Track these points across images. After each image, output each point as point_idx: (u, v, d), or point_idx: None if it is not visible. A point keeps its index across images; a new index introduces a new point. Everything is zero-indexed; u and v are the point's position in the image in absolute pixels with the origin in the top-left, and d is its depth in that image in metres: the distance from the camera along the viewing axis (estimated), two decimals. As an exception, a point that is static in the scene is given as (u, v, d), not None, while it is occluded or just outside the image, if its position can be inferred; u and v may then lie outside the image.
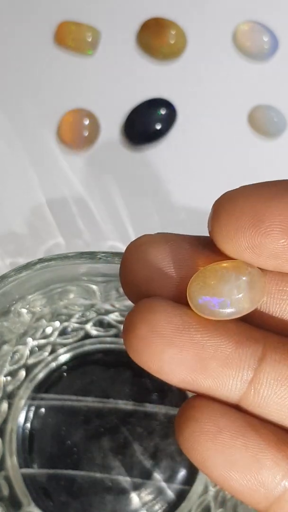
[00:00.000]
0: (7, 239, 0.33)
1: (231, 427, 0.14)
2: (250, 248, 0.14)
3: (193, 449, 0.14)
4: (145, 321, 0.14)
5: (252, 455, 0.14)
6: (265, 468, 0.14)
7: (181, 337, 0.14)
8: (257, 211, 0.14)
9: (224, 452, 0.14)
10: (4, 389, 0.27)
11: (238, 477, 0.14)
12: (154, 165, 0.34)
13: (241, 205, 0.14)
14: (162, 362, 0.14)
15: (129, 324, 0.15)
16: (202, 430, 0.14)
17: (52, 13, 0.36)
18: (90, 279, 0.25)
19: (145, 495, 0.27)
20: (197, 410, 0.14)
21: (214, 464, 0.14)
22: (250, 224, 0.14)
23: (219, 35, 0.36)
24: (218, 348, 0.14)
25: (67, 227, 0.33)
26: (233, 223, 0.14)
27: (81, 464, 0.27)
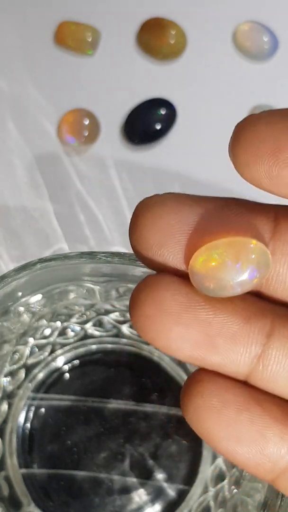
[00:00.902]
0: (11, 244, 0.33)
1: (236, 401, 0.14)
2: (268, 178, 0.14)
3: (198, 423, 0.14)
4: (151, 299, 0.14)
5: (258, 429, 0.14)
6: (270, 442, 0.14)
7: (187, 315, 0.14)
8: (278, 140, 0.13)
9: (229, 427, 0.14)
10: (4, 389, 0.27)
11: (244, 451, 0.14)
12: (154, 165, 0.34)
13: (263, 131, 0.14)
14: (170, 340, 0.14)
15: (135, 302, 0.15)
16: (207, 405, 0.14)
17: (52, 13, 0.36)
18: (90, 279, 0.25)
19: (145, 495, 0.27)
20: (202, 384, 0.14)
21: (220, 439, 0.14)
22: (269, 154, 0.14)
23: (219, 35, 0.36)
24: (225, 325, 0.14)
25: (68, 228, 0.33)
26: (252, 151, 0.14)
27: (81, 464, 0.27)
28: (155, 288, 0.14)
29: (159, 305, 0.14)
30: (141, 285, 0.15)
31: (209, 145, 0.34)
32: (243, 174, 0.14)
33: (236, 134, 0.14)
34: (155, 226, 0.14)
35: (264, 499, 0.23)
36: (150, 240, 0.14)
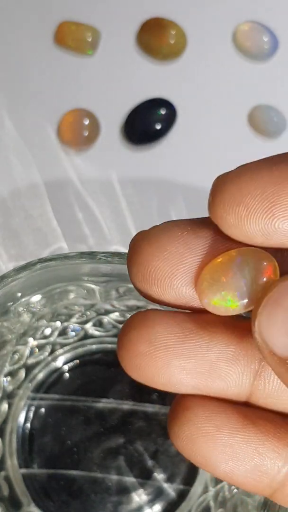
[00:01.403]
0: (11, 244, 0.33)
1: (229, 423, 0.14)
2: (264, 233, 0.13)
3: (193, 451, 0.14)
4: (144, 336, 0.14)
5: (253, 448, 0.14)
6: (266, 458, 0.14)
7: (184, 345, 0.14)
8: (269, 195, 0.13)
9: (225, 450, 0.14)
10: (4, 389, 0.27)
11: (242, 471, 0.14)
12: (154, 165, 0.34)
13: (250, 188, 0.13)
14: (170, 374, 0.14)
15: (126, 341, 0.14)
16: (200, 432, 0.14)
17: (52, 13, 0.36)
18: (90, 279, 0.25)
19: (145, 495, 0.27)
20: (192, 411, 0.14)
21: (216, 463, 0.14)
22: (263, 210, 0.13)
23: (219, 35, 0.36)
24: (222, 347, 0.14)
25: (67, 227, 0.33)
26: (243, 210, 0.13)
27: (81, 464, 0.27)
28: (146, 324, 0.14)
29: (154, 341, 0.14)
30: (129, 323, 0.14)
31: (209, 145, 0.34)
32: (232, 233, 0.14)
33: (218, 192, 0.14)
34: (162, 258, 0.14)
35: (264, 499, 0.23)
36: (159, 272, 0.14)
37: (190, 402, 0.14)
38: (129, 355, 0.14)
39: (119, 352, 0.14)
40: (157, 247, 0.14)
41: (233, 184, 0.13)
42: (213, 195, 0.14)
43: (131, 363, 0.14)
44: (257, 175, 0.13)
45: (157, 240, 0.14)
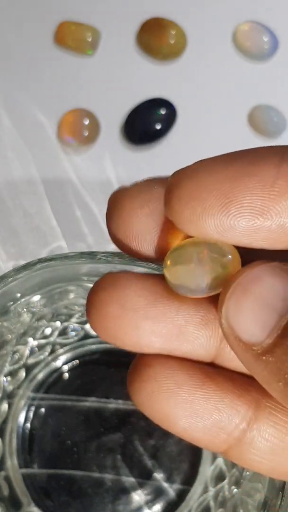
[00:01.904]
0: (10, 242, 0.33)
1: (189, 380, 0.14)
2: (220, 230, 0.13)
3: (153, 408, 0.15)
4: (114, 298, 0.14)
5: (212, 404, 0.14)
6: (224, 415, 0.14)
7: (154, 308, 0.14)
8: (225, 191, 0.13)
9: (185, 406, 0.14)
10: (4, 389, 0.27)
11: (200, 427, 0.14)
12: (154, 165, 0.34)
13: (207, 183, 0.13)
14: (139, 336, 0.14)
15: (95, 302, 0.14)
16: (161, 388, 0.14)
17: (52, 13, 0.36)
18: (90, 279, 0.25)
19: (145, 495, 0.27)
20: (153, 369, 0.15)
21: (176, 419, 0.14)
22: (219, 206, 0.13)
23: (219, 35, 0.36)
24: (192, 312, 0.14)
25: (66, 226, 0.33)
26: (199, 205, 0.13)
27: (81, 464, 0.27)
28: (117, 285, 0.14)
29: (124, 303, 0.14)
30: (100, 284, 0.14)
31: (209, 145, 0.34)
32: (188, 229, 0.14)
33: (175, 187, 0.14)
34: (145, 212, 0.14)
35: (264, 499, 0.23)
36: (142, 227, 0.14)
37: (152, 360, 0.15)
38: (99, 316, 0.14)
39: (88, 311, 0.14)
40: (139, 202, 0.14)
41: (190, 179, 0.13)
42: (169, 190, 0.14)
43: (100, 324, 0.14)
44: (214, 171, 0.13)
45: (139, 196, 0.14)
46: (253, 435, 0.14)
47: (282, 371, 0.13)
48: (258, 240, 0.13)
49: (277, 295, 0.13)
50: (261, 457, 0.15)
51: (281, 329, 0.13)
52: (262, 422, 0.14)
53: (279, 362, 0.13)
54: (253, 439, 0.14)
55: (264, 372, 0.13)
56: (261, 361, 0.13)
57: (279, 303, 0.13)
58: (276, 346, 0.13)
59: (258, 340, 0.13)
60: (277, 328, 0.13)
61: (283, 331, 0.13)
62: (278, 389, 0.13)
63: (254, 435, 0.14)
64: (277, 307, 0.13)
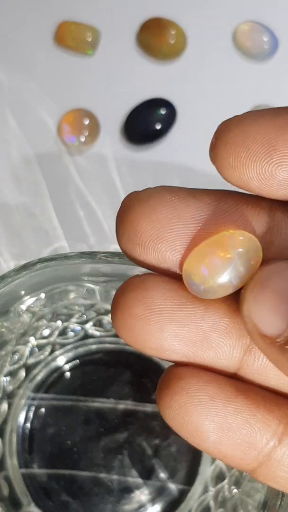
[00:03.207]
0: (11, 242, 0.33)
1: (222, 393, 0.14)
2: (260, 178, 0.13)
3: (184, 421, 0.14)
4: (141, 299, 0.14)
5: (244, 418, 0.14)
6: (256, 430, 0.14)
7: (179, 312, 0.14)
8: (271, 139, 0.13)
9: (217, 420, 0.14)
10: (4, 389, 0.27)
11: (231, 442, 0.14)
12: (154, 165, 0.34)
13: (253, 131, 0.13)
14: (162, 339, 0.14)
15: (121, 303, 0.14)
16: (194, 401, 0.14)
17: (52, 13, 0.36)
18: (90, 279, 0.25)
19: (145, 495, 0.27)
20: (185, 381, 0.14)
21: (207, 432, 0.14)
22: (263, 153, 0.13)
23: (219, 35, 0.36)
24: (217, 319, 0.14)
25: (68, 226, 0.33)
26: (243, 151, 0.13)
27: (81, 464, 0.27)
28: (143, 288, 0.14)
29: (150, 304, 0.14)
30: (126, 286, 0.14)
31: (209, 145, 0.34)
32: (230, 176, 0.14)
33: (222, 134, 0.14)
34: (151, 220, 0.14)
35: (264, 499, 0.23)
36: (146, 234, 0.14)
37: (183, 372, 0.14)
38: (124, 316, 0.14)
39: (113, 312, 0.14)
40: (147, 208, 0.14)
41: (236, 126, 0.14)
42: (216, 136, 0.14)
43: (124, 324, 0.14)
44: (261, 120, 0.13)
45: (148, 202, 0.14)
46: (284, 451, 0.14)
47: None
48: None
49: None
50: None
51: None
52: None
53: None
54: (283, 455, 0.14)
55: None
56: (285, 351, 0.13)
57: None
58: None
59: (280, 331, 0.13)
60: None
61: None
62: None
63: (284, 451, 0.14)
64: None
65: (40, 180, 0.34)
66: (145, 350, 0.14)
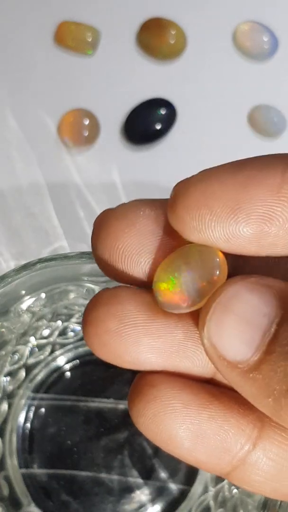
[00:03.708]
0: (12, 242, 0.33)
1: (196, 400, 0.14)
2: (227, 238, 0.13)
3: (158, 429, 0.14)
4: (113, 314, 0.14)
5: (218, 425, 0.14)
6: (230, 436, 0.14)
7: (154, 324, 0.14)
8: (234, 198, 0.13)
9: (191, 427, 0.14)
10: (4, 389, 0.27)
11: (206, 448, 0.14)
12: (154, 165, 0.34)
13: (215, 191, 0.13)
14: (138, 352, 0.14)
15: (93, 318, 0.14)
16: (167, 409, 0.14)
17: (52, 13, 0.36)
18: (90, 279, 0.25)
19: (145, 495, 0.27)
20: (157, 388, 0.14)
21: (181, 440, 0.14)
22: (227, 213, 0.13)
23: (219, 35, 0.36)
24: (191, 327, 0.14)
25: (68, 225, 0.33)
26: (207, 213, 0.13)
27: (81, 464, 0.27)
28: (115, 301, 0.14)
29: (124, 318, 0.14)
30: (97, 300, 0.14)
31: (209, 145, 0.34)
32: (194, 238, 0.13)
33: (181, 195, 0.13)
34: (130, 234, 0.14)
35: (264, 499, 0.23)
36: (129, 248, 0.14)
37: (155, 380, 0.14)
38: (97, 331, 0.14)
39: (85, 328, 0.14)
40: (126, 223, 0.14)
41: (196, 188, 0.13)
42: (174, 199, 0.13)
43: (98, 340, 0.14)
44: (221, 179, 0.13)
45: (126, 217, 0.14)
46: (258, 456, 0.14)
47: (271, 387, 0.12)
48: (265, 247, 0.13)
49: (258, 312, 0.13)
50: (265, 478, 0.14)
51: (265, 345, 0.13)
52: (267, 441, 0.14)
53: (267, 378, 0.12)
54: (257, 459, 0.14)
55: (252, 389, 0.13)
56: (248, 379, 0.13)
57: (261, 319, 0.13)
58: (263, 362, 0.13)
59: (244, 358, 0.13)
60: (262, 345, 0.13)
61: (268, 347, 0.13)
62: (268, 405, 0.13)
63: (258, 455, 0.14)
64: (260, 323, 0.13)
65: (40, 180, 0.34)
66: (120, 364, 0.14)
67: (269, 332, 0.13)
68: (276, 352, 0.12)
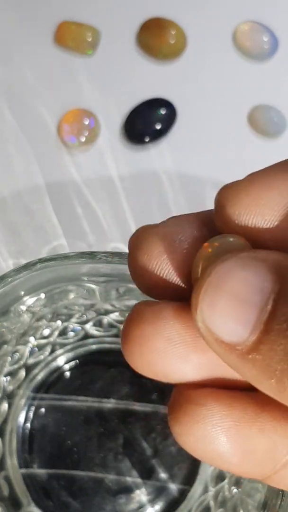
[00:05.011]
0: (10, 240, 0.33)
1: (246, 415, 0.14)
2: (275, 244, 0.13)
3: (207, 449, 0.13)
4: (161, 332, 0.13)
5: (268, 437, 0.14)
6: (277, 445, 0.14)
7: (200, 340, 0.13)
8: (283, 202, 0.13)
9: (241, 444, 0.13)
10: (4, 389, 0.27)
11: (252, 461, 0.14)
12: (154, 165, 0.34)
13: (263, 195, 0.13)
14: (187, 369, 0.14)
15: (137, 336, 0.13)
16: (218, 430, 0.13)
17: (52, 13, 0.36)
18: (90, 279, 0.25)
19: (145, 495, 0.27)
20: (206, 408, 0.13)
21: (230, 457, 0.13)
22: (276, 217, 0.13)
23: (219, 35, 0.36)
24: None
25: (70, 226, 0.33)
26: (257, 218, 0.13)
27: (81, 464, 0.27)
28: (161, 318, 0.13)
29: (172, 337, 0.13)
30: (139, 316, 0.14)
31: (209, 145, 0.34)
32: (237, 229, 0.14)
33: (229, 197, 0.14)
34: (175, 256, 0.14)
35: (264, 499, 0.23)
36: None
37: (201, 397, 0.14)
38: (142, 351, 0.13)
39: (126, 345, 0.14)
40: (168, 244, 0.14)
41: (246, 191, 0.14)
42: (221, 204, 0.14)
43: (143, 359, 0.14)
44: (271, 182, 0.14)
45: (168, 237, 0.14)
46: None
47: (272, 368, 0.12)
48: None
49: (253, 288, 0.12)
50: None
51: (263, 324, 0.12)
52: None
53: (267, 359, 0.12)
54: None
55: (253, 371, 0.12)
56: (248, 360, 0.12)
57: (257, 295, 0.12)
58: (261, 342, 0.12)
59: (241, 338, 0.12)
60: (259, 324, 0.12)
61: (265, 326, 0.12)
62: (271, 387, 0.12)
63: None
64: (255, 300, 0.12)
65: (40, 180, 0.34)
66: (165, 380, 0.14)
67: (266, 309, 0.12)
68: (274, 330, 0.12)
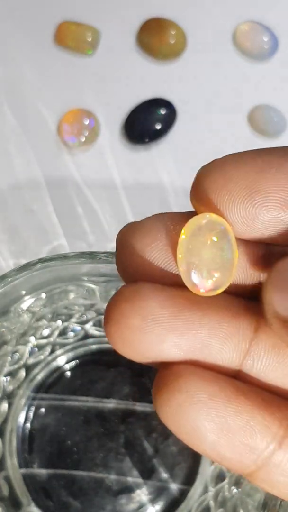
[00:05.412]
0: (10, 240, 0.33)
1: (222, 393, 0.14)
2: (244, 221, 0.13)
3: (182, 420, 0.14)
4: (137, 310, 0.14)
5: (244, 420, 0.14)
6: (257, 433, 0.14)
7: (178, 321, 0.14)
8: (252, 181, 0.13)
9: (216, 420, 0.14)
10: (4, 389, 0.27)
11: (230, 444, 0.14)
12: (154, 165, 0.34)
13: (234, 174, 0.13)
14: (162, 350, 0.14)
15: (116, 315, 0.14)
16: (193, 400, 0.14)
17: (52, 13, 0.36)
18: (90, 279, 0.25)
19: (145, 495, 0.27)
20: (183, 378, 0.14)
21: (206, 433, 0.14)
22: (244, 196, 0.13)
23: (219, 35, 0.36)
24: (215, 324, 0.14)
25: (67, 224, 0.33)
26: (224, 195, 0.13)
27: (81, 464, 0.27)
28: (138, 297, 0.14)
29: (147, 314, 0.14)
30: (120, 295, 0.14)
31: (209, 145, 0.34)
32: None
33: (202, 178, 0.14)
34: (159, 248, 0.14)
35: (264, 499, 0.23)
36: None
37: (182, 370, 0.14)
38: (120, 328, 0.14)
39: (107, 325, 0.14)
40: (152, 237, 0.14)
41: (217, 171, 0.14)
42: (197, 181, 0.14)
43: (121, 337, 0.14)
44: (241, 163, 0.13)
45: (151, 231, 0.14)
46: (283, 456, 0.14)
47: None
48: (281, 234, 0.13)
49: None
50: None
51: None
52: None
53: None
54: (282, 459, 0.14)
55: None
56: None
57: None
58: None
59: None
60: None
61: None
62: None
63: (284, 455, 0.14)
64: None
65: (40, 180, 0.34)
66: (142, 361, 0.14)
67: None
68: None
